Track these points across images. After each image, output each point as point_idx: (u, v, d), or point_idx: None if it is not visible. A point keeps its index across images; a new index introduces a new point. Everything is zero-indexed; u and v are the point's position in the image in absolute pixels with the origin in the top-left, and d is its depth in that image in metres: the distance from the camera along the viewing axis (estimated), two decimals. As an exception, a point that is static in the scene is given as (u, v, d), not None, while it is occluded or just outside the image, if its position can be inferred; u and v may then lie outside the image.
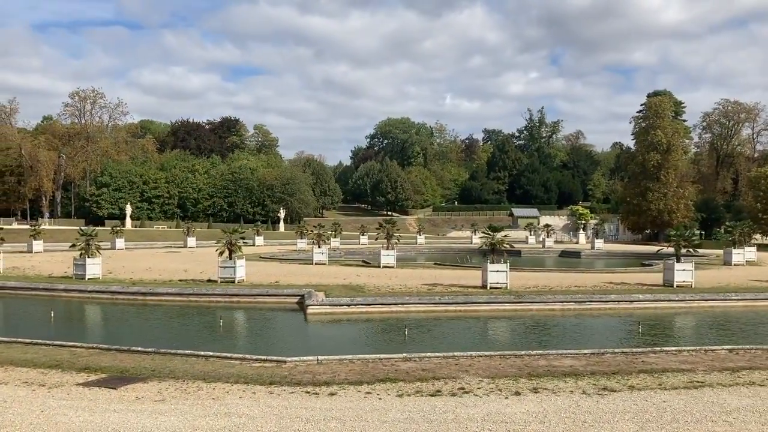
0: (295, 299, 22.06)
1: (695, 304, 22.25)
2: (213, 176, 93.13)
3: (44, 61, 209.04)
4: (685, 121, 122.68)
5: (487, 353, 12.23)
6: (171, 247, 57.82)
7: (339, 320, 19.77)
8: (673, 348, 13.04)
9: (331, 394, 9.55)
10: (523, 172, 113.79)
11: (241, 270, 25.97)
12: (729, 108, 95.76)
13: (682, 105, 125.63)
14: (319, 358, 11.66)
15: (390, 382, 10.19)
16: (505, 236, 25.29)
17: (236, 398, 9.30)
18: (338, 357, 11.80)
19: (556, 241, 66.64)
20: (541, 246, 61.55)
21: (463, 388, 9.88)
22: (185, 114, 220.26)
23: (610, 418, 8.38)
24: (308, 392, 9.66)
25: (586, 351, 12.50)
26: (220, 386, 10.06)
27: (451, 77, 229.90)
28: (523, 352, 12.30)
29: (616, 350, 12.78)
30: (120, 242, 53.20)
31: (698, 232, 71.65)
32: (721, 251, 41.69)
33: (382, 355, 11.99)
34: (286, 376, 10.62)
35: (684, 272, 24.72)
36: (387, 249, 34.01)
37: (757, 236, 67.57)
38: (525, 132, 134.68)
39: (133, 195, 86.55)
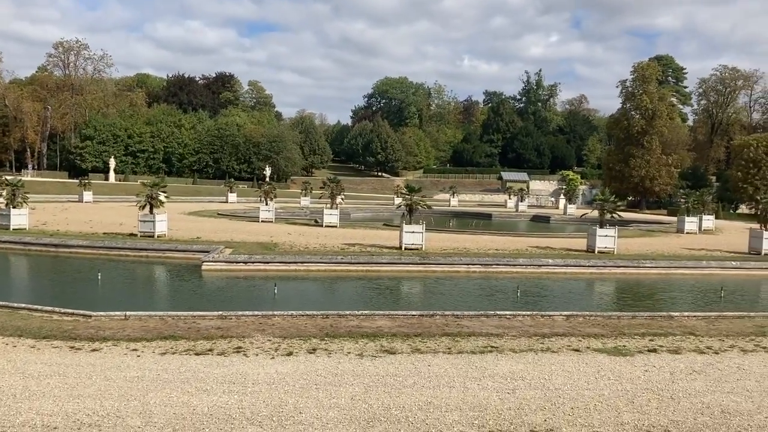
0: (201, 255, 21.83)
1: (606, 270, 21.86)
2: (199, 132, 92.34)
3: (61, 12, 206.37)
4: (686, 87, 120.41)
5: (302, 313, 11.97)
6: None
7: (234, 277, 19.55)
8: (508, 312, 12.72)
9: (94, 350, 9.34)
10: (516, 136, 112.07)
11: (162, 225, 25.74)
12: (726, 74, 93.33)
13: (684, 71, 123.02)
14: (127, 313, 11.44)
15: (171, 340, 9.97)
16: (422, 197, 24.82)
17: (-9, 350, 9.11)
18: (147, 313, 11.60)
19: (530, 206, 65.96)
20: (515, 210, 60.96)
21: (240, 348, 9.64)
22: (200, 70, 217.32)
23: (350, 381, 8.13)
24: (72, 347, 9.46)
25: (401, 312, 12.21)
26: (7, 339, 9.86)
27: (470, 37, 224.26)
28: (335, 312, 12.05)
29: (446, 312, 12.46)
30: (88, 195, 53.26)
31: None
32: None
33: (195, 313, 11.79)
34: (76, 331, 10.41)
35: (606, 238, 24.27)
36: (331, 208, 33.65)
37: (743, 206, 66.71)
38: (522, 95, 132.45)
39: (117, 149, 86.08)
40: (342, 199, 34.14)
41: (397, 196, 68.92)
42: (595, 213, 25.24)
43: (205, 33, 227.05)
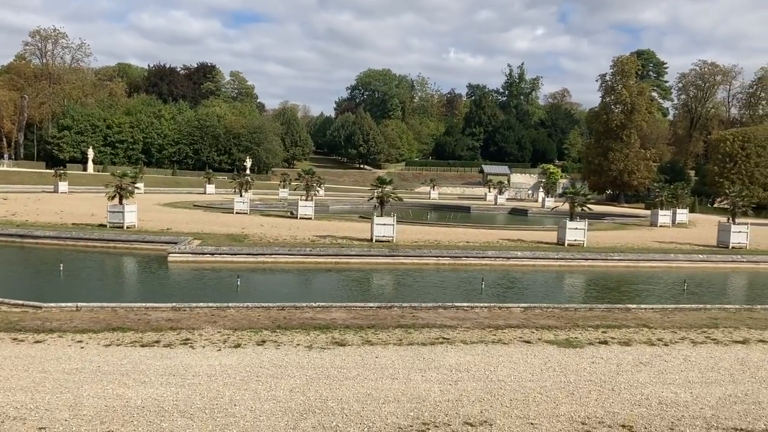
0: (168, 247, 21.62)
1: (575, 263, 21.97)
2: (179, 122, 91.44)
3: (43, 0, 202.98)
4: (666, 82, 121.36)
5: (258, 305, 11.88)
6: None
7: (201, 269, 19.39)
8: (466, 304, 12.72)
9: (37, 342, 9.19)
10: (498, 129, 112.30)
11: (131, 215, 25.49)
12: (705, 70, 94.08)
13: (665, 66, 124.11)
14: (79, 305, 11.29)
15: (119, 332, 9.84)
16: (394, 189, 24.76)
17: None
18: (100, 304, 11.44)
19: (509, 199, 66.14)
20: (493, 203, 61.13)
21: (188, 339, 9.54)
22: (185, 60, 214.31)
23: (293, 373, 8.06)
24: (15, 339, 9.31)
25: (359, 304, 12.17)
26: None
27: (456, 30, 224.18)
28: (291, 304, 11.97)
29: (404, 304, 12.44)
30: (63, 186, 52.62)
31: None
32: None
33: (148, 304, 11.65)
34: (22, 322, 10.24)
35: (576, 231, 24.37)
36: (306, 200, 33.50)
37: (720, 200, 67.33)
38: (505, 88, 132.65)
39: (95, 139, 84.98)
40: (317, 191, 33.89)
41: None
42: (567, 206, 25.33)
43: (189, 23, 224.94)
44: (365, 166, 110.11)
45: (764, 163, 62.95)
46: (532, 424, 6.62)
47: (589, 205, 25.60)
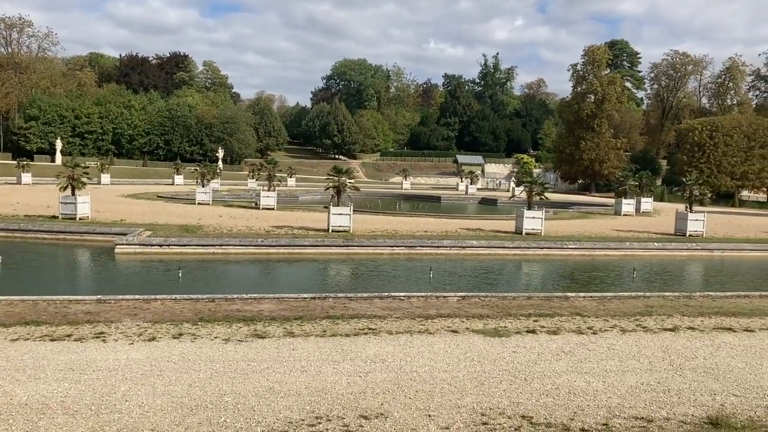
0: (118, 238, 21.19)
1: (530, 251, 21.95)
2: (150, 112, 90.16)
3: None
4: (640, 72, 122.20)
5: (187, 296, 11.61)
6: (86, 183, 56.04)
7: (149, 260, 19.01)
8: (402, 294, 12.56)
9: (-61, 336, 8.81)
10: (473, 119, 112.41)
11: (84, 207, 25.00)
12: (677, 59, 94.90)
13: (638, 56, 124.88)
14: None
15: (32, 325, 9.51)
16: (351, 178, 24.53)
17: None
18: (20, 297, 11.10)
19: (480, 188, 66.26)
20: (464, 193, 61.16)
21: (102, 333, 9.24)
22: (162, 50, 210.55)
23: (200, 367, 7.82)
24: None
25: (292, 295, 11.95)
26: None
27: (436, 21, 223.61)
28: (222, 296, 11.73)
29: (339, 295, 12.25)
30: (26, 177, 51.62)
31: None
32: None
33: (71, 297, 11.33)
34: (-67, 316, 9.85)
35: (533, 220, 24.36)
36: (268, 190, 33.13)
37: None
38: (481, 79, 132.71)
39: (63, 130, 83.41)
40: (280, 181, 33.54)
41: (349, 180, 68.72)
42: (524, 195, 25.29)
43: (166, 12, 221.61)
44: (340, 157, 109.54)
45: (731, 152, 63.73)
46: (429, 416, 6.46)
47: (546, 194, 25.59)
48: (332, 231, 23.03)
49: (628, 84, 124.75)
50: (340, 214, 23.30)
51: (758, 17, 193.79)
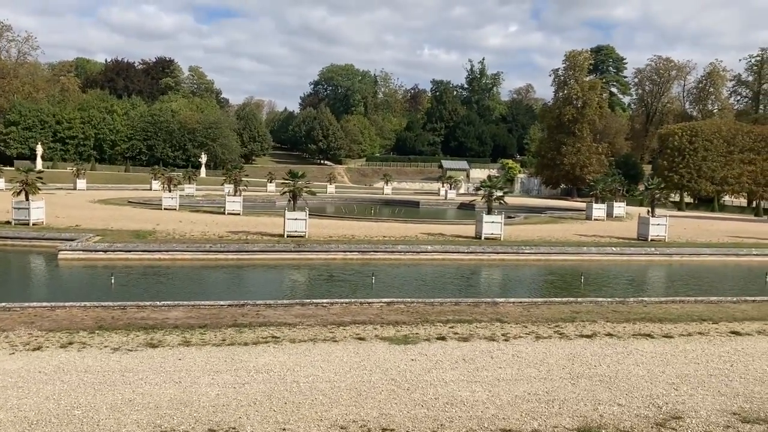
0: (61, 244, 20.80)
1: (485, 256, 21.69)
2: (132, 118, 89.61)
3: None
4: (625, 77, 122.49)
5: (96, 304, 11.28)
6: (62, 188, 55.60)
7: (93, 266, 18.64)
8: (326, 300, 12.26)
9: None
10: (459, 124, 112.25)
11: (38, 212, 24.56)
12: (661, 65, 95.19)
13: (624, 61, 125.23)
14: None
15: None
16: (308, 183, 24.25)
17: None
18: None
19: (460, 194, 65.98)
20: (443, 198, 60.95)
21: (-12, 342, 8.88)
22: (156, 56, 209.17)
23: (67, 378, 7.49)
24: None
25: (207, 303, 11.63)
26: None
27: (430, 27, 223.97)
28: (133, 303, 11.39)
29: (258, 302, 11.92)
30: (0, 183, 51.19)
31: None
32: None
33: (-27, 304, 10.92)
34: None
35: (493, 224, 24.10)
36: (234, 196, 32.80)
37: (673, 195, 67.96)
38: (468, 84, 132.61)
39: (45, 135, 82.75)
40: (245, 185, 33.20)
41: (330, 185, 68.37)
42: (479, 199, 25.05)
43: (161, 18, 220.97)
44: (326, 162, 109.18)
45: (711, 157, 63.74)
46: (284, 429, 6.15)
47: (505, 199, 25.38)
48: (287, 236, 22.72)
49: (614, 89, 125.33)
50: (296, 219, 23.00)
51: (750, 23, 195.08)
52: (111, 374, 7.66)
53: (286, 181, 23.52)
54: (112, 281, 15.47)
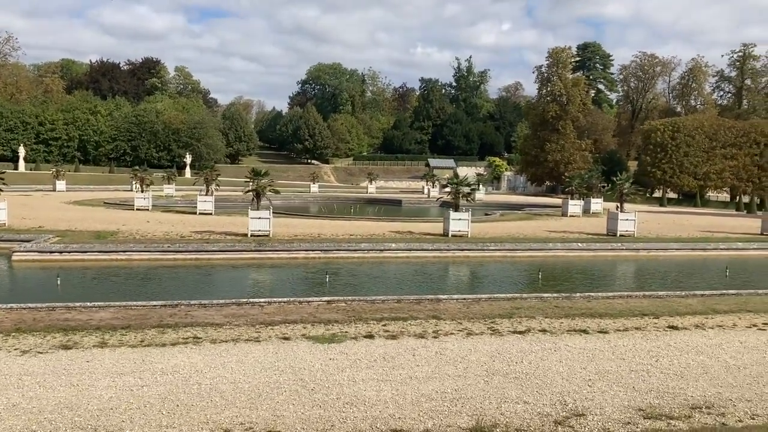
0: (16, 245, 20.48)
1: (449, 254, 21.48)
2: (116, 118, 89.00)
3: None
4: (612, 74, 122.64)
5: (24, 305, 11.02)
6: (41, 190, 55.19)
7: (48, 268, 18.28)
8: (263, 300, 12.03)
9: None
10: (446, 122, 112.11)
11: (0, 213, 24.25)
12: (645, 61, 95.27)
13: (611, 58, 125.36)
14: None
15: None
16: (271, 181, 24.02)
17: None
18: None
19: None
20: (426, 196, 60.78)
21: None
22: (146, 56, 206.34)
23: (-34, 382, 7.21)
24: None
25: (139, 303, 11.40)
26: None
27: (424, 25, 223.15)
28: (62, 304, 11.10)
29: (192, 302, 11.68)
30: (-24, 185, 50.62)
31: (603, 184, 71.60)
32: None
33: None
34: None
35: (460, 222, 23.93)
36: (205, 195, 32.52)
37: (657, 191, 67.98)
38: (455, 82, 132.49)
39: (27, 136, 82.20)
40: (218, 185, 32.94)
41: (313, 184, 68.02)
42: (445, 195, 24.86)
43: (152, 19, 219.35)
44: (313, 161, 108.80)
45: (693, 152, 63.85)
46: (163, 433, 5.93)
47: (476, 195, 25.19)
48: (251, 236, 22.47)
49: (601, 86, 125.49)
50: (260, 218, 22.76)
51: (742, 19, 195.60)
52: (8, 378, 7.41)
53: (250, 179, 23.25)
54: (58, 282, 15.18)
